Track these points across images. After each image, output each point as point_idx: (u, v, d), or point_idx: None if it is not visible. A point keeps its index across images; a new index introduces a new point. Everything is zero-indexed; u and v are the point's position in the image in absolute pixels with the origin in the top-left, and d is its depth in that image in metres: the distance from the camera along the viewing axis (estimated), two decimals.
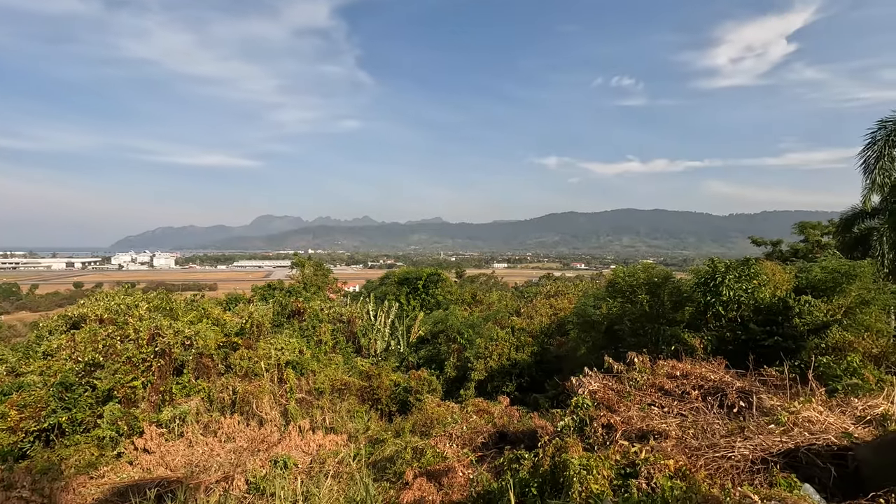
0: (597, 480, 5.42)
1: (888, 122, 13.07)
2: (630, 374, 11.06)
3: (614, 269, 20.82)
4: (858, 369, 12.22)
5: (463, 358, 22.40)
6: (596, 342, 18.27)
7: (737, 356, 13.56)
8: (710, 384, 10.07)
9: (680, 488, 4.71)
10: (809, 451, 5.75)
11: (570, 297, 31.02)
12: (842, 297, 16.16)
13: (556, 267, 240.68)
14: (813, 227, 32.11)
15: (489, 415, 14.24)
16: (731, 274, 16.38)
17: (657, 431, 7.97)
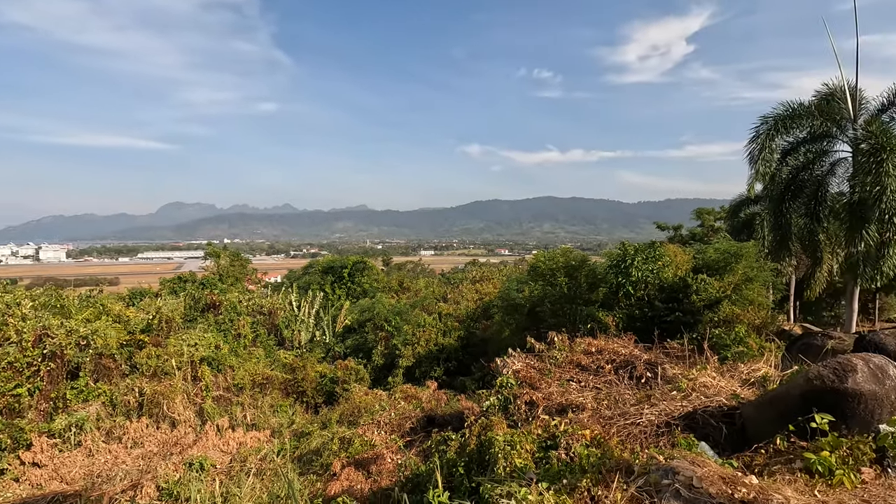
0: (520, 455, 5.64)
1: (769, 119, 14.74)
2: (551, 353, 11.62)
3: (535, 254, 21.69)
4: (744, 338, 13.79)
5: (391, 345, 22.34)
6: (519, 324, 18.99)
7: (645, 331, 14.75)
8: (621, 358, 10.83)
9: (595, 455, 5.03)
10: (705, 412, 6.38)
11: (495, 282, 31.92)
12: (731, 275, 18.07)
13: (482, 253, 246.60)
14: (708, 213, 35.53)
15: (417, 400, 14.35)
16: (640, 256, 17.71)
17: (575, 404, 8.44)
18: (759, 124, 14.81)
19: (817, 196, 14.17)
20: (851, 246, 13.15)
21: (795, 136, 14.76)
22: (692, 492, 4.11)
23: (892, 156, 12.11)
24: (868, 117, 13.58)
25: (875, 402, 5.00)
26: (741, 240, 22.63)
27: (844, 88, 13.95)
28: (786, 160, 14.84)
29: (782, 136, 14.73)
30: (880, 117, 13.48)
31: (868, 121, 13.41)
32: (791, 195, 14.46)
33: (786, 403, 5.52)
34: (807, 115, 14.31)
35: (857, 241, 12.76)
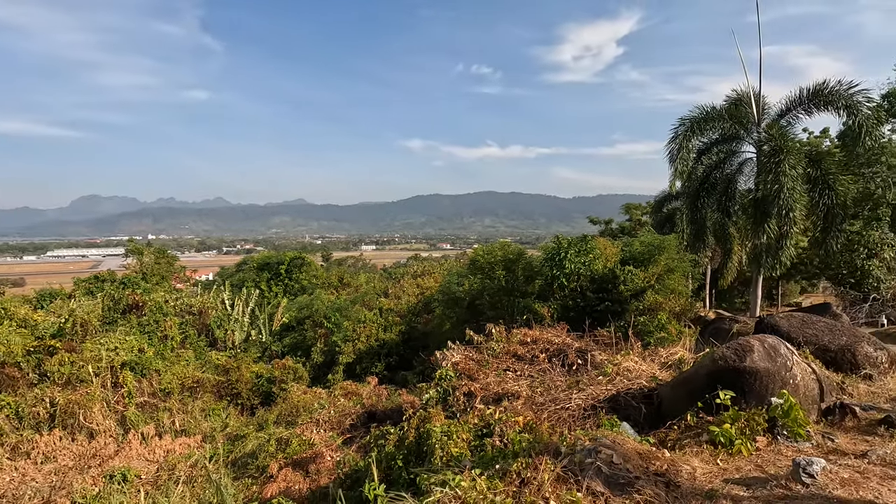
0: (457, 444, 5.79)
1: (686, 120, 15.93)
2: (488, 344, 11.93)
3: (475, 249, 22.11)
4: (665, 325, 14.85)
5: (330, 342, 21.96)
6: (459, 317, 19.30)
7: (577, 321, 15.50)
8: (555, 347, 11.33)
9: (527, 440, 5.29)
10: (627, 394, 6.86)
11: (436, 276, 32.15)
12: (655, 267, 19.34)
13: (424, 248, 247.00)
14: (636, 208, 37.71)
15: (358, 396, 14.25)
16: (573, 249, 18.54)
17: (511, 393, 8.75)
18: (677, 125, 15.98)
19: (728, 193, 15.52)
20: (756, 238, 14.54)
21: (709, 137, 16.06)
22: (612, 468, 4.43)
23: (789, 157, 13.52)
24: (770, 121, 15.04)
25: (768, 377, 5.61)
26: (664, 233, 24.26)
27: (750, 94, 15.35)
28: (701, 159, 16.11)
29: (698, 137, 15.98)
30: (780, 121, 14.96)
31: (769, 124, 14.86)
32: (705, 192, 15.72)
33: (695, 382, 6.06)
34: (718, 118, 15.61)
35: (761, 233, 14.14)
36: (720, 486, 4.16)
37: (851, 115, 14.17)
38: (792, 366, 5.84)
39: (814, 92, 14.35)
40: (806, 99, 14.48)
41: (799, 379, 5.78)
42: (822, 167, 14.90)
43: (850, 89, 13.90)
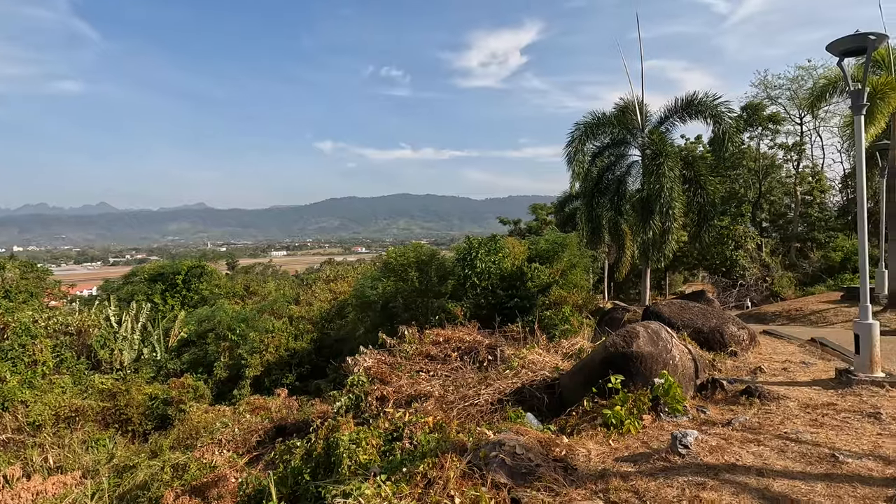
0: (366, 451, 5.67)
1: (581, 126, 17.15)
2: (402, 347, 11.86)
3: (388, 251, 21.95)
4: (569, 317, 15.77)
5: (236, 355, 20.58)
6: (374, 321, 19.04)
7: (489, 318, 15.96)
8: (466, 345, 11.53)
9: (435, 440, 5.30)
10: (532, 386, 7.16)
11: (350, 280, 31.45)
12: (559, 263, 20.52)
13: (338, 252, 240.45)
14: (542, 208, 39.75)
15: (266, 411, 13.46)
16: (483, 249, 19.10)
17: (424, 394, 8.75)
18: (573, 130, 17.14)
19: (619, 193, 16.91)
20: (643, 234, 16.00)
21: (602, 142, 17.42)
22: (515, 459, 4.57)
23: (668, 160, 15.07)
24: (651, 127, 16.64)
25: (652, 360, 6.14)
26: (566, 231, 25.86)
27: (635, 103, 16.87)
28: (595, 162, 17.40)
29: (592, 141, 17.26)
30: (659, 128, 16.61)
31: (651, 130, 16.44)
32: (600, 192, 17.00)
33: (591, 369, 6.47)
34: (609, 123, 16.97)
35: (647, 229, 15.59)
36: (611, 465, 4.47)
37: (717, 124, 16.09)
38: (672, 348, 6.44)
39: (686, 102, 16.11)
40: (680, 108, 16.21)
41: (678, 360, 6.39)
42: (695, 169, 16.77)
43: (715, 101, 15.79)
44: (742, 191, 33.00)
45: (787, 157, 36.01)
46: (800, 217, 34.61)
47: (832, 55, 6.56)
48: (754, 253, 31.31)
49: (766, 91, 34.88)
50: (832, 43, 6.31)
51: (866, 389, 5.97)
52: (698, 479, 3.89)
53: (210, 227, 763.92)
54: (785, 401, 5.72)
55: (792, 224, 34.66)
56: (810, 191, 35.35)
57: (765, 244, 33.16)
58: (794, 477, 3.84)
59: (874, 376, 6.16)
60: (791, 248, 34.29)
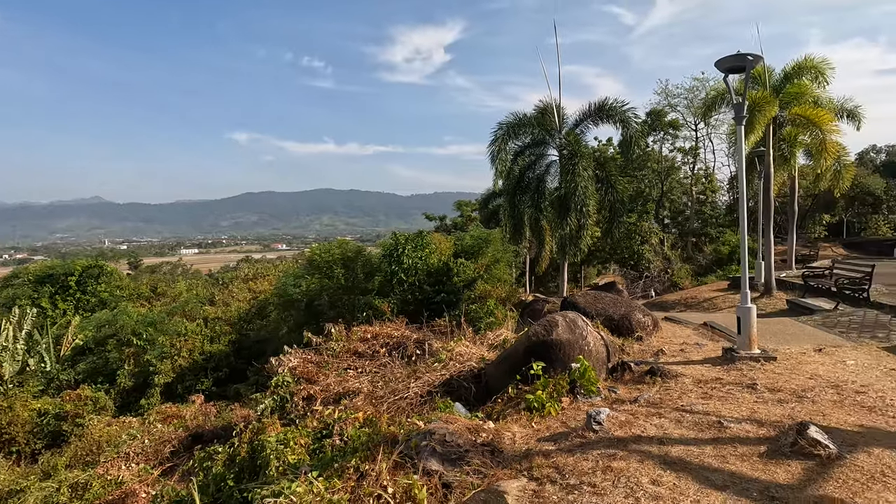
0: (294, 451, 5.57)
1: (503, 125, 17.81)
2: (328, 345, 11.67)
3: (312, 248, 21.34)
4: (493, 310, 16.33)
5: (142, 362, 18.99)
6: (297, 320, 18.45)
7: (416, 313, 16.11)
8: (394, 340, 11.59)
9: (366, 434, 5.32)
10: (459, 377, 7.39)
11: (271, 278, 30.17)
12: (483, 258, 21.11)
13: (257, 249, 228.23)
14: (466, 205, 40.56)
15: (180, 419, 12.63)
16: (409, 245, 19.18)
17: (352, 391, 8.70)
18: (496, 130, 17.74)
19: (539, 191, 17.79)
20: (561, 230, 16.98)
21: (523, 141, 18.20)
22: (445, 446, 4.74)
23: (582, 160, 16.12)
24: (568, 129, 17.67)
25: (570, 347, 6.60)
26: (490, 227, 26.68)
27: (553, 105, 17.81)
28: (517, 161, 18.15)
29: (513, 141, 17.99)
30: (575, 130, 17.70)
31: (568, 132, 17.47)
32: (521, 190, 17.76)
33: (515, 358, 6.82)
34: (529, 124, 17.77)
35: (564, 226, 16.58)
36: (534, 445, 4.77)
37: (625, 128, 17.43)
38: (587, 335, 6.96)
39: (598, 107, 17.29)
40: (593, 112, 17.37)
41: (592, 345, 6.92)
42: (607, 170, 18.05)
43: (623, 107, 17.09)
44: (647, 190, 35.98)
45: (685, 160, 39.80)
46: (695, 214, 38.38)
47: (719, 71, 7.41)
48: (658, 247, 34.31)
49: (667, 99, 38.31)
50: (719, 60, 7.13)
51: (746, 364, 6.85)
52: (610, 451, 4.28)
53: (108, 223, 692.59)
54: (682, 378, 6.42)
55: (689, 221, 38.36)
56: (704, 191, 39.34)
57: (666, 239, 36.42)
58: (688, 443, 4.35)
59: (752, 353, 7.08)
60: (688, 243, 37.94)
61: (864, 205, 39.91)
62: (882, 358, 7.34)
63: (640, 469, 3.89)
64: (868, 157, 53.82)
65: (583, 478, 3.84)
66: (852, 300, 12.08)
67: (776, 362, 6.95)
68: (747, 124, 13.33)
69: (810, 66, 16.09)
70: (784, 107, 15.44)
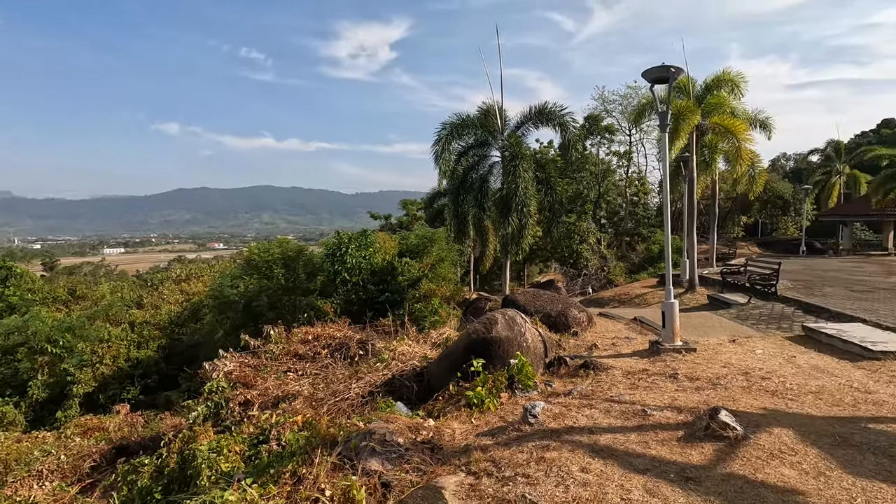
0: (228, 459, 5.37)
1: (447, 125, 17.97)
2: (267, 347, 11.30)
3: (250, 247, 20.53)
4: (438, 309, 16.45)
5: (59, 371, 17.48)
6: (234, 322, 17.69)
7: (360, 313, 15.91)
8: (337, 341, 11.41)
9: (304, 437, 5.23)
10: (402, 376, 7.41)
11: (206, 279, 28.71)
12: (428, 257, 21.19)
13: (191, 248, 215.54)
14: (412, 204, 40.48)
15: (103, 431, 11.77)
16: (353, 244, 18.90)
17: (292, 394, 8.49)
18: (440, 130, 17.87)
19: (482, 191, 18.09)
20: (503, 229, 17.36)
21: (466, 142, 18.43)
22: (385, 446, 4.74)
23: (523, 162, 16.58)
24: (510, 131, 18.10)
25: (508, 343, 6.80)
26: (435, 227, 26.80)
27: (495, 107, 18.18)
28: (460, 161, 18.36)
29: (457, 141, 18.19)
30: (516, 132, 18.15)
31: (510, 134, 17.90)
32: (465, 190, 17.99)
33: (456, 356, 6.93)
34: (472, 125, 18.04)
35: (506, 225, 16.97)
36: (473, 441, 4.88)
37: (563, 132, 18.09)
38: (525, 332, 7.20)
39: (538, 111, 17.84)
40: (534, 115, 17.89)
41: (530, 342, 7.16)
42: (546, 171, 18.67)
43: (562, 111, 17.73)
44: (585, 191, 37.52)
45: (620, 164, 41.89)
46: (629, 215, 40.48)
47: (646, 81, 7.88)
48: (595, 246, 35.88)
49: (604, 105, 40.16)
50: (645, 71, 7.59)
51: (669, 356, 7.36)
52: (544, 442, 4.47)
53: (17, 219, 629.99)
54: (612, 370, 6.79)
55: (623, 221, 40.40)
56: (637, 193, 41.58)
57: (603, 238, 38.17)
58: (615, 431, 4.63)
59: (675, 345, 7.61)
60: (622, 242, 39.97)
61: (775, 207, 43.75)
62: (785, 347, 8.12)
63: (571, 458, 4.09)
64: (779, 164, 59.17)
65: (518, 469, 3.99)
66: (763, 295, 13.25)
67: (696, 353, 7.50)
68: (673, 131, 14.27)
69: (728, 79, 17.47)
70: (706, 116, 16.64)
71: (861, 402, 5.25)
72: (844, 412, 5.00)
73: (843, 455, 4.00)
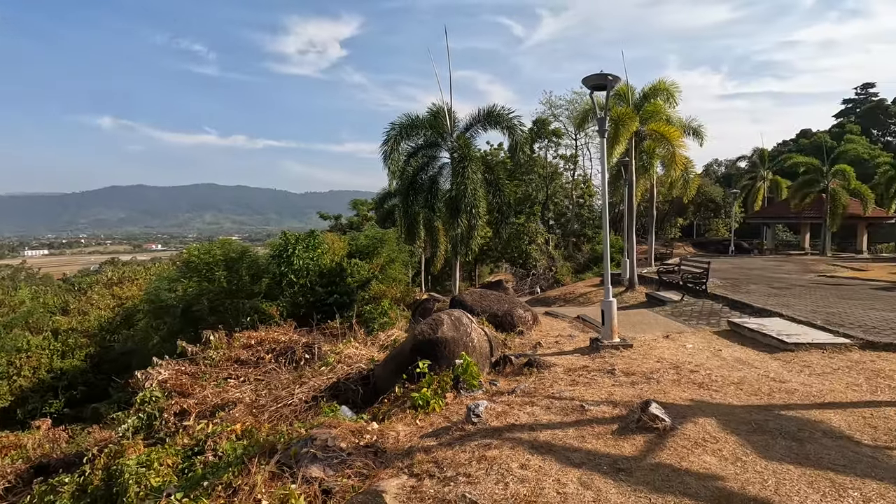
0: (159, 473, 5.09)
1: (396, 125, 17.89)
2: (207, 353, 10.82)
3: (189, 248, 19.55)
4: (388, 310, 16.33)
5: None
6: (172, 328, 16.81)
7: (308, 316, 15.52)
8: (281, 345, 11.08)
9: (242, 446, 5.05)
10: (347, 380, 7.31)
11: (141, 282, 27.11)
12: (378, 258, 21.01)
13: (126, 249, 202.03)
14: (363, 204, 39.96)
15: (20, 449, 10.84)
16: (301, 245, 18.45)
17: (232, 402, 8.17)
18: (389, 130, 17.78)
19: (432, 191, 18.15)
20: (453, 230, 17.50)
21: (416, 142, 18.42)
22: (326, 451, 4.66)
23: (472, 163, 16.79)
24: (459, 133, 18.25)
25: (454, 344, 6.85)
26: (386, 227, 26.59)
27: (444, 109, 18.28)
28: (410, 161, 18.32)
29: (406, 141, 18.14)
30: (465, 134, 18.34)
31: (459, 135, 18.05)
32: (415, 190, 17.98)
33: (402, 357, 6.91)
34: (422, 126, 18.06)
35: (456, 226, 17.12)
36: (417, 442, 4.88)
37: (511, 134, 18.47)
38: (471, 332, 7.27)
39: (487, 113, 18.11)
40: (483, 118, 18.14)
41: (476, 341, 7.25)
42: (495, 173, 18.97)
43: (510, 114, 18.10)
44: (534, 193, 38.46)
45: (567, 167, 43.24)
46: (575, 217, 41.87)
47: (586, 88, 8.19)
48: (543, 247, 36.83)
49: (551, 109, 41.34)
50: (585, 78, 7.88)
51: (608, 352, 7.67)
52: (486, 440, 4.54)
53: None
54: (555, 368, 6.99)
55: (570, 222, 41.73)
56: (582, 195, 43.05)
57: (551, 239, 39.23)
58: (554, 427, 4.77)
59: (613, 342, 7.95)
60: (569, 243, 41.27)
61: (707, 210, 46.64)
62: (713, 341, 8.68)
63: (512, 455, 4.18)
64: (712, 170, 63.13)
65: (459, 469, 4.03)
66: (695, 292, 14.08)
67: (632, 349, 7.87)
68: (613, 137, 14.91)
69: (663, 88, 18.45)
70: (644, 122, 17.51)
71: (775, 391, 5.70)
72: (761, 401, 5.41)
73: (758, 441, 4.32)
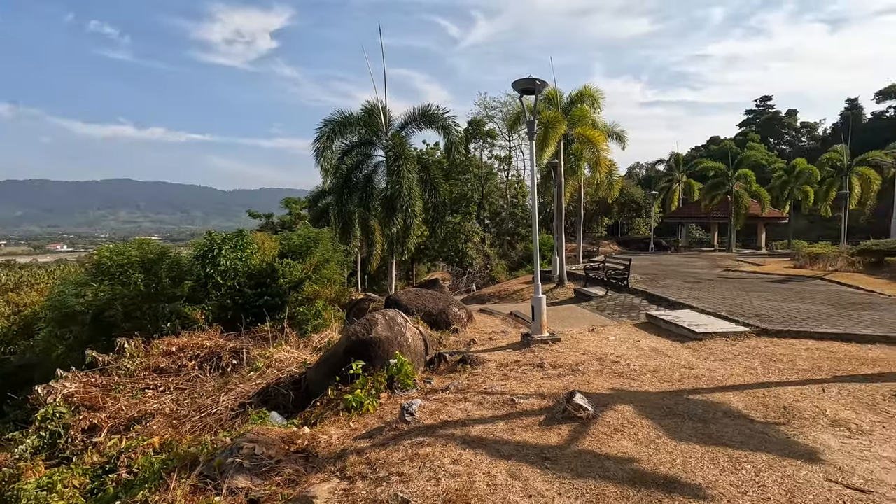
0: (62, 496, 4.67)
1: (329, 122, 17.48)
2: (121, 363, 10.04)
3: (99, 249, 17.94)
4: (322, 311, 15.91)
5: None
6: (80, 337, 15.31)
7: (236, 319, 14.76)
8: (206, 351, 10.50)
9: (160, 461, 4.74)
10: (278, 384, 7.07)
11: (43, 287, 24.53)
12: (312, 258, 20.38)
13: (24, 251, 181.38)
14: (295, 202, 38.64)
15: None
16: (227, 245, 17.49)
17: (150, 413, 7.64)
18: (322, 126, 17.33)
19: (367, 190, 17.93)
20: (388, 229, 17.39)
21: (350, 140, 18.10)
22: (253, 460, 4.49)
23: (407, 162, 16.77)
24: (394, 131, 18.16)
25: (388, 343, 6.83)
26: (320, 226, 25.87)
27: (379, 107, 18.11)
28: (344, 159, 17.98)
29: (340, 139, 17.78)
30: (400, 133, 18.28)
31: (394, 134, 17.96)
32: (349, 189, 17.66)
33: (335, 359, 6.79)
34: (357, 123, 17.78)
35: (392, 225, 17.03)
36: (350, 445, 4.82)
37: (447, 134, 18.64)
38: (406, 331, 7.29)
39: (422, 112, 18.16)
40: (418, 117, 18.16)
41: (411, 341, 7.27)
42: (430, 172, 19.07)
43: (444, 114, 18.25)
44: (470, 193, 39.06)
45: (501, 167, 44.32)
46: (509, 216, 43.01)
47: (516, 91, 8.45)
48: (479, 245, 37.54)
49: (486, 110, 42.18)
50: (515, 81, 8.14)
51: (538, 347, 7.98)
52: (419, 439, 4.58)
53: None
54: (488, 364, 7.17)
55: (505, 221, 42.80)
56: (516, 195, 44.33)
57: (486, 238, 40.06)
58: (486, 422, 4.90)
59: (543, 336, 8.28)
60: (504, 241, 42.34)
61: (630, 210, 49.68)
62: (633, 333, 9.28)
63: (444, 452, 4.25)
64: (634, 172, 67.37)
65: (392, 469, 4.03)
66: (618, 287, 14.97)
67: (561, 343, 8.24)
68: (543, 139, 15.48)
69: (589, 94, 19.40)
70: (572, 126, 18.32)
71: (685, 378, 6.21)
72: (672, 387, 5.87)
73: (669, 424, 4.70)
